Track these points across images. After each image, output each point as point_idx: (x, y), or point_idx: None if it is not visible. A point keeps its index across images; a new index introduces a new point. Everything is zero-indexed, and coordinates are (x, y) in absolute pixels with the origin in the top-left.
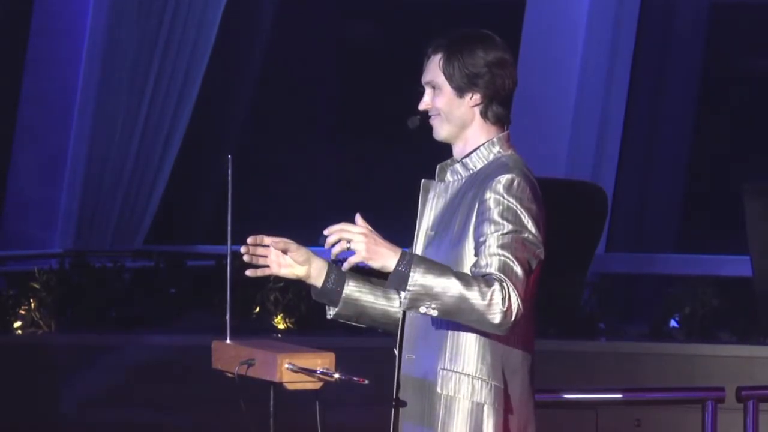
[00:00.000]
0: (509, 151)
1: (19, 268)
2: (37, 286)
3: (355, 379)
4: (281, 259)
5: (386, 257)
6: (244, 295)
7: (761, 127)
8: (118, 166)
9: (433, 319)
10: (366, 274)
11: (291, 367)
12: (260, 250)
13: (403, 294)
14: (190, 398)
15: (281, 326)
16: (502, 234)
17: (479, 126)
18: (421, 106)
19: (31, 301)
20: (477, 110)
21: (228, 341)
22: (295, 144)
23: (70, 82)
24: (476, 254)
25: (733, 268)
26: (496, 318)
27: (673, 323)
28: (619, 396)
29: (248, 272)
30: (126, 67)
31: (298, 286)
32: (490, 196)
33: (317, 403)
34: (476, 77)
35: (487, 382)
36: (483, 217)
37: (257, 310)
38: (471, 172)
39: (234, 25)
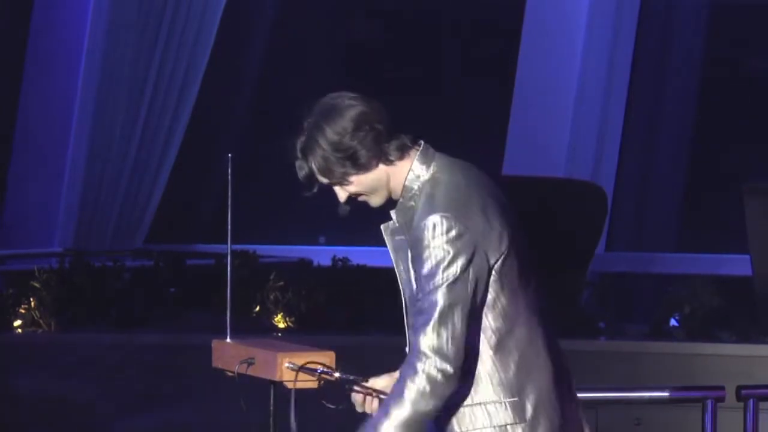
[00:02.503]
0: (431, 169)
1: (19, 267)
2: (37, 285)
3: (355, 378)
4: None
5: None
6: (244, 295)
7: (761, 127)
8: (118, 166)
9: None
10: None
11: (291, 366)
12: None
13: None
14: (190, 397)
15: (281, 325)
16: (430, 290)
17: (396, 170)
18: (342, 201)
19: (31, 300)
20: (381, 165)
21: (228, 340)
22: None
23: (70, 82)
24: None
25: (733, 268)
26: (429, 403)
27: (673, 322)
28: (619, 395)
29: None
30: (126, 68)
31: (298, 285)
32: (418, 246)
33: (292, 398)
34: (351, 151)
35: (501, 402)
36: (418, 270)
37: (257, 309)
38: (410, 206)
39: (234, 25)
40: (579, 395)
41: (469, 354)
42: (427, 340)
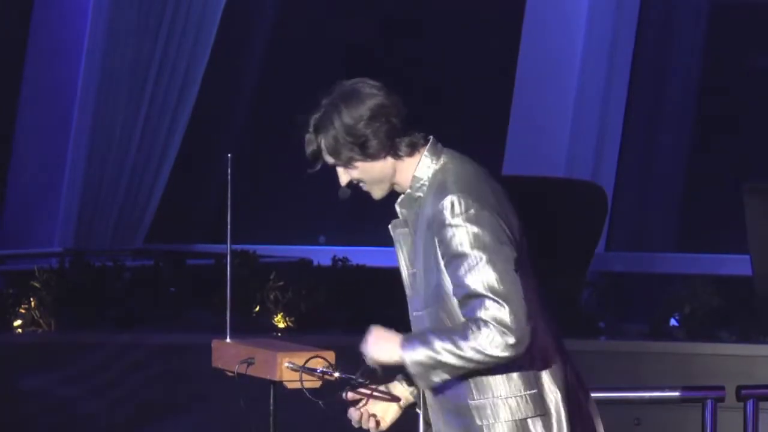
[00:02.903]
0: (441, 160)
1: (19, 267)
2: (37, 285)
3: (355, 377)
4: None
5: (389, 351)
6: (244, 294)
7: (761, 126)
8: (118, 166)
9: None
10: None
11: (291, 365)
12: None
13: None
14: (190, 397)
15: (281, 325)
16: (466, 270)
17: (403, 165)
18: (343, 183)
19: (31, 299)
20: (389, 158)
21: (228, 340)
22: (295, 144)
23: (70, 82)
24: (457, 290)
25: (733, 267)
26: (501, 352)
27: (673, 322)
28: (619, 395)
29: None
30: (126, 68)
31: (298, 285)
32: (441, 229)
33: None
34: (363, 139)
35: (522, 396)
36: (447, 256)
37: (257, 309)
38: (419, 197)
39: (234, 25)
40: None
41: (532, 327)
42: (491, 317)
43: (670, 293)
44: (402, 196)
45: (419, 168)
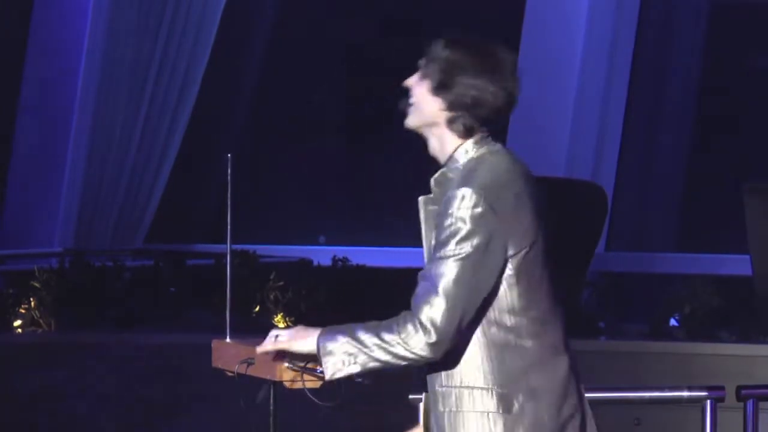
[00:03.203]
0: (483, 149)
1: (19, 267)
2: (37, 285)
3: (355, 378)
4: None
5: (307, 340)
6: (244, 294)
7: (761, 126)
8: (118, 166)
9: None
10: None
11: (291, 365)
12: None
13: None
14: (190, 397)
15: (281, 325)
16: (438, 256)
17: (447, 133)
18: (405, 82)
19: (31, 299)
20: (443, 116)
21: (228, 340)
22: (295, 144)
23: (70, 82)
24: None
25: (733, 267)
26: (419, 349)
27: (673, 322)
28: (619, 395)
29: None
30: (126, 68)
31: (298, 285)
32: (443, 215)
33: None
34: (456, 84)
35: (489, 390)
36: (436, 240)
37: (257, 308)
38: (451, 180)
39: (234, 25)
40: None
41: (460, 335)
42: (425, 308)
43: (670, 293)
44: (438, 173)
45: (459, 150)
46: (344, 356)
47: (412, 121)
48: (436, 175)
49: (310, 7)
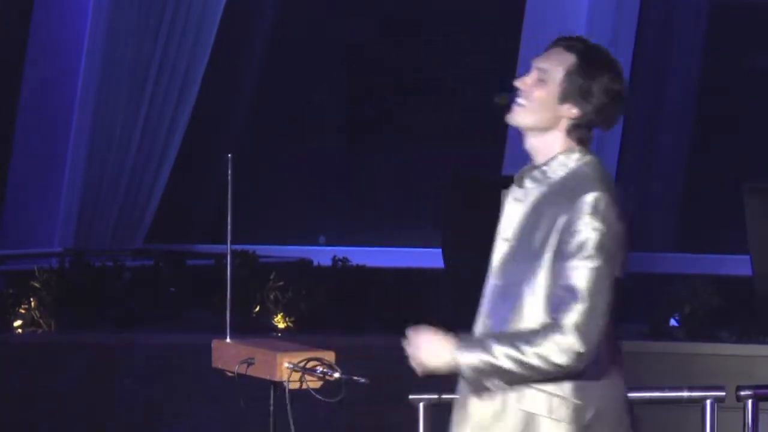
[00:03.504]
0: (587, 156)
1: (19, 267)
2: (37, 285)
3: (355, 378)
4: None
5: (441, 355)
6: (244, 294)
7: (761, 126)
8: (118, 166)
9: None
10: None
11: (291, 366)
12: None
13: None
14: (190, 397)
15: (281, 325)
16: (575, 266)
17: (561, 137)
18: (518, 83)
19: (31, 300)
20: (565, 123)
21: (228, 340)
22: (294, 144)
23: (70, 82)
24: (557, 280)
25: (733, 267)
26: (566, 360)
27: (672, 322)
28: None
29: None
30: (126, 68)
31: (298, 285)
32: (576, 219)
33: (277, 397)
34: (590, 95)
35: (566, 400)
36: (565, 245)
37: (257, 309)
38: (551, 179)
39: (234, 25)
40: None
41: (601, 340)
42: (572, 316)
43: (670, 293)
44: (535, 170)
45: (568, 152)
46: (485, 374)
47: (524, 121)
48: (532, 172)
49: (310, 7)
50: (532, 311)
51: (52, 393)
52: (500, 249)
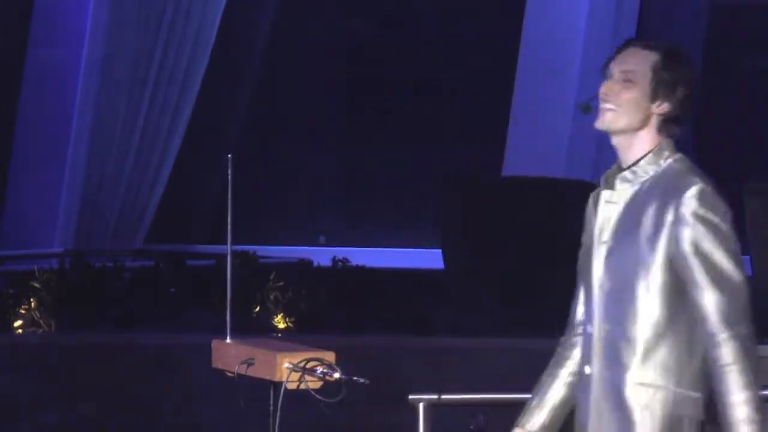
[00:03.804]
0: (677, 154)
1: (20, 268)
2: (37, 286)
3: (356, 378)
4: None
5: None
6: (244, 295)
7: (761, 126)
8: (118, 166)
9: (624, 334)
10: None
11: (291, 366)
12: None
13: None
14: (190, 397)
15: (281, 325)
16: (719, 275)
17: (651, 135)
18: (603, 89)
19: (31, 300)
20: (656, 119)
21: (228, 340)
22: (295, 144)
23: (69, 82)
24: (691, 291)
25: None
26: (752, 352)
27: None
28: None
29: None
30: (126, 68)
31: (298, 285)
32: (687, 212)
33: (277, 397)
34: (677, 89)
35: (699, 398)
36: (689, 244)
37: (257, 309)
38: (642, 178)
39: (234, 25)
40: None
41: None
42: (728, 311)
43: None
44: (625, 171)
45: (656, 150)
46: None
47: (617, 125)
48: (624, 173)
49: (310, 7)
50: (648, 308)
51: (52, 393)
52: (599, 253)
